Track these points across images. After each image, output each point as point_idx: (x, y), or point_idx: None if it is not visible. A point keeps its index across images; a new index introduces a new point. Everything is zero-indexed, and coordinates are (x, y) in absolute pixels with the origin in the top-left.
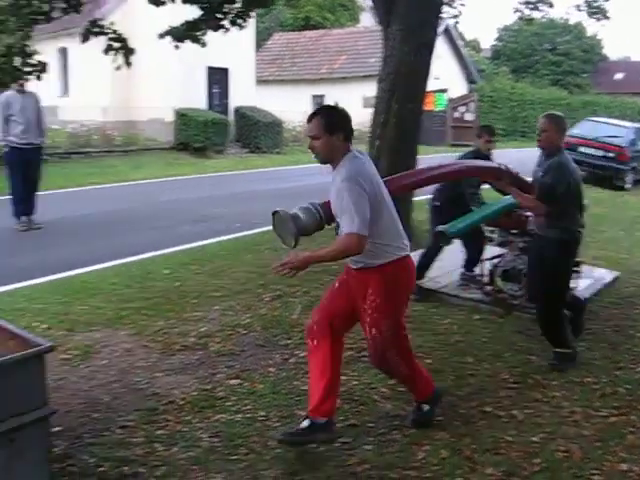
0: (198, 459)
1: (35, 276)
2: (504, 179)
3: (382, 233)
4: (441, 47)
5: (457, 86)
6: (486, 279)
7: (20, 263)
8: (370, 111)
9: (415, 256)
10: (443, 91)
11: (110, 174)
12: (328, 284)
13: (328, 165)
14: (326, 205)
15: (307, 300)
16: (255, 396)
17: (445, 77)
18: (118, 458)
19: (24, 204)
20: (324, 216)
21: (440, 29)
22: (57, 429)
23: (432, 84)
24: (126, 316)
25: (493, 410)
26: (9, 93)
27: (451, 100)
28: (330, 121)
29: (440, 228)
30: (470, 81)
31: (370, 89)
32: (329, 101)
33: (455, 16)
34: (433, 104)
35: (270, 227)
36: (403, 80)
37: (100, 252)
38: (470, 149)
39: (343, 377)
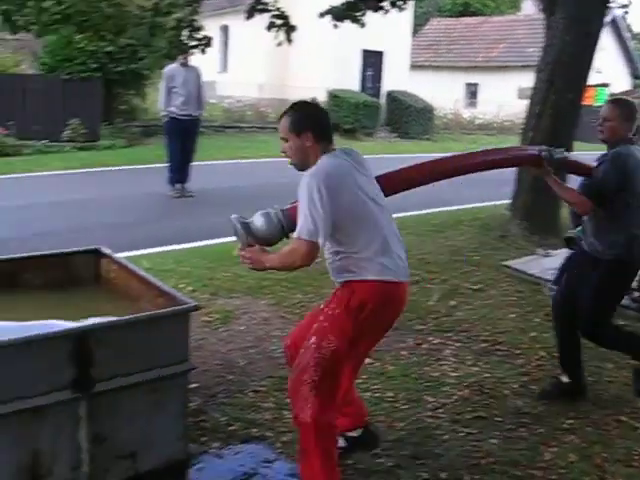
0: None
1: (184, 241)
2: (545, 166)
3: (361, 245)
4: (606, 39)
5: (620, 81)
6: (635, 284)
7: (171, 227)
8: (525, 103)
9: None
10: (605, 85)
11: (261, 149)
12: (469, 274)
13: None
14: (290, 210)
15: (445, 288)
16: (385, 377)
17: (608, 71)
18: (248, 420)
19: (179, 172)
20: (285, 223)
21: (607, 19)
22: (194, 386)
23: (593, 78)
24: (266, 286)
25: (629, 420)
26: (173, 66)
27: (612, 95)
28: (295, 119)
29: (569, 233)
30: (635, 76)
31: (527, 80)
32: (483, 90)
33: (624, 6)
34: (593, 99)
35: (411, 212)
36: (563, 70)
37: None
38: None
39: (475, 368)
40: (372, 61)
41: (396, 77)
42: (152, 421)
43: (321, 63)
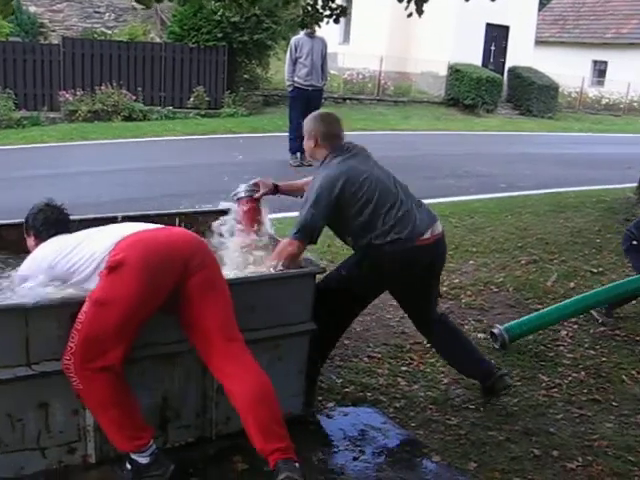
0: (436, 399)
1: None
2: None
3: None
4: None
5: None
6: None
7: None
8: None
9: None
10: None
11: (379, 122)
12: (589, 256)
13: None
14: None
15: (563, 269)
16: (500, 353)
17: None
18: (362, 384)
19: (300, 142)
20: None
21: None
22: None
23: None
24: None
25: None
26: (300, 37)
27: None
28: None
29: None
30: None
31: None
32: (612, 68)
33: None
34: None
35: (532, 192)
36: None
37: None
38: None
39: (592, 352)
40: (496, 35)
41: (520, 53)
42: (273, 376)
43: (443, 36)
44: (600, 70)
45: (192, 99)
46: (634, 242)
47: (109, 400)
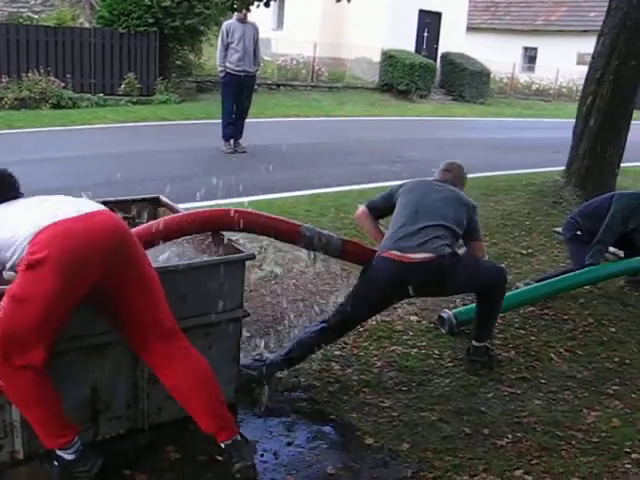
0: (369, 383)
1: (237, 195)
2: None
3: None
4: None
5: None
6: None
7: (224, 182)
8: (583, 69)
9: None
10: None
11: (314, 108)
12: (519, 239)
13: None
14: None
15: (494, 251)
16: (432, 335)
17: None
18: (296, 369)
19: (233, 128)
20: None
21: None
22: (245, 334)
23: None
24: None
25: None
26: (231, 22)
27: None
28: None
29: None
30: None
31: (587, 46)
32: (541, 55)
33: None
34: None
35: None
36: (627, 35)
37: (297, 180)
38: None
39: (522, 331)
40: (429, 22)
41: (452, 39)
42: None
43: (377, 22)
44: (530, 56)
45: (123, 86)
46: (578, 232)
47: (32, 398)
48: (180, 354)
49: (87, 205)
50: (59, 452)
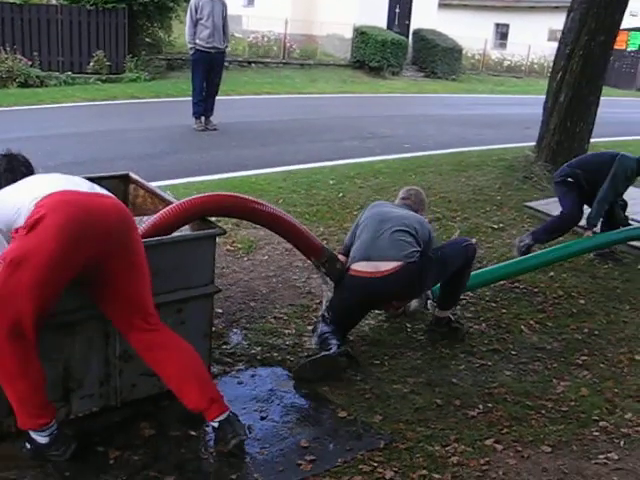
0: None
1: (208, 172)
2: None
3: None
4: None
5: None
6: None
7: (195, 160)
8: (555, 45)
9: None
10: (639, 30)
11: (286, 85)
12: (490, 213)
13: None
14: None
15: (466, 226)
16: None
17: None
18: (269, 344)
19: (203, 105)
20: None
21: None
22: (218, 311)
23: (627, 21)
24: None
25: None
26: None
27: None
28: None
29: None
30: None
31: (558, 22)
32: (513, 31)
33: None
34: (625, 43)
35: (434, 152)
36: (597, 11)
37: (270, 157)
38: None
39: (492, 304)
40: None
41: (424, 15)
42: None
43: None
44: (502, 33)
45: (92, 64)
46: (569, 179)
47: (18, 370)
48: (165, 339)
49: (98, 188)
50: (33, 434)
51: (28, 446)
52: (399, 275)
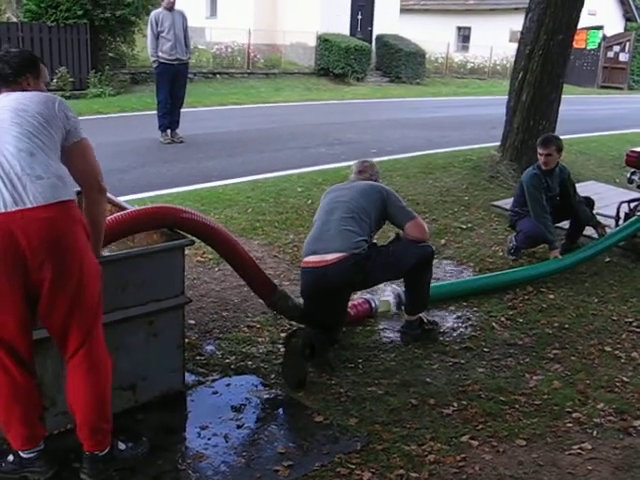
0: (316, 362)
1: (175, 185)
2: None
3: None
4: None
5: (613, 23)
6: (622, 222)
7: (162, 172)
8: (516, 46)
9: None
10: (598, 28)
11: (251, 95)
12: (458, 214)
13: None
14: None
15: (434, 227)
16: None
17: (601, 13)
18: (243, 353)
19: (169, 118)
20: None
21: None
22: (190, 322)
23: (585, 20)
24: (259, 227)
25: (612, 350)
26: (159, 11)
27: (605, 38)
28: None
29: None
30: (627, 19)
31: (518, 23)
32: (475, 34)
33: None
34: (585, 41)
35: (401, 155)
36: (554, 10)
37: (237, 167)
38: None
39: (463, 302)
40: (362, 4)
41: (387, 21)
42: (150, 353)
43: (310, 7)
44: (464, 36)
45: (55, 80)
46: (515, 217)
47: (15, 395)
48: (80, 367)
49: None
50: (20, 451)
51: (11, 459)
52: (343, 264)
